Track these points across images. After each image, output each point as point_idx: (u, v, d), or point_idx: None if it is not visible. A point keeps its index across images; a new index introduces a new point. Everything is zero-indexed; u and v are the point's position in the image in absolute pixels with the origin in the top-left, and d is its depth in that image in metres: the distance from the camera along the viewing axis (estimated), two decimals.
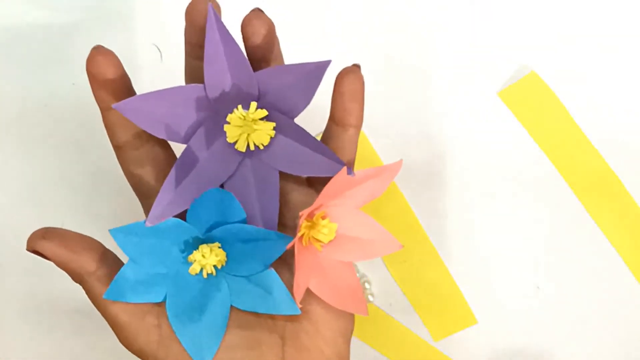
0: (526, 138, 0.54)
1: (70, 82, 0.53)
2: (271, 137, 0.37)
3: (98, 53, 0.36)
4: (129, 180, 0.39)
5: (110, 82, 0.36)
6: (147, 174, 0.38)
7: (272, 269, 0.37)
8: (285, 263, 0.39)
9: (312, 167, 0.37)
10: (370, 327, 0.53)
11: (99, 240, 0.39)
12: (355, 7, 0.54)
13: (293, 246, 0.35)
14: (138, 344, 0.38)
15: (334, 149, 0.38)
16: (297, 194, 0.39)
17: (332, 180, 0.35)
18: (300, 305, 0.36)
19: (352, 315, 0.40)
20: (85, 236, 0.39)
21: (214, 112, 0.37)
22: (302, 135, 0.37)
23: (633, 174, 0.53)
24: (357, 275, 0.52)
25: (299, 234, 0.36)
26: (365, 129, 0.53)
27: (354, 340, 0.52)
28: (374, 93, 0.54)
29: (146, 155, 0.38)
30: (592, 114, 0.53)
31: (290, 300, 0.37)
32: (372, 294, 0.52)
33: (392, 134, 0.53)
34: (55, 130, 0.53)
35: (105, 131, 0.39)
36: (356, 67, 0.38)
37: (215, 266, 0.38)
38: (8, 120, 0.53)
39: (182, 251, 0.38)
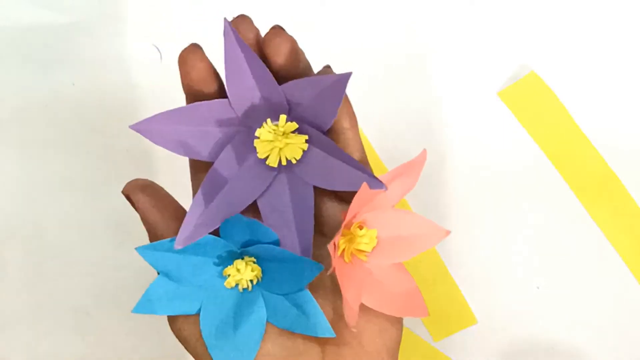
0: (526, 138, 0.54)
1: (70, 82, 0.53)
2: (304, 151, 0.36)
3: (189, 52, 0.36)
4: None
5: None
6: None
7: (307, 291, 0.36)
8: (328, 281, 0.38)
9: (346, 181, 0.35)
10: None
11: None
12: (355, 7, 0.54)
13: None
14: (182, 333, 0.38)
15: None
16: (330, 205, 0.38)
17: (361, 189, 0.33)
18: (353, 328, 0.35)
19: (399, 326, 0.38)
20: (178, 205, 0.38)
21: (241, 128, 0.36)
22: (334, 149, 0.35)
23: (633, 174, 0.53)
24: None
25: (337, 254, 0.34)
26: (365, 129, 0.53)
27: None
28: (374, 93, 0.54)
29: None
30: (592, 114, 0.53)
31: (325, 323, 0.36)
32: None
33: (391, 134, 0.53)
34: (55, 130, 0.53)
35: (105, 131, 0.39)
36: (328, 68, 0.37)
37: (251, 281, 0.37)
38: (8, 120, 0.53)
39: (217, 265, 0.37)
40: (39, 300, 0.52)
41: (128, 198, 0.38)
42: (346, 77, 0.35)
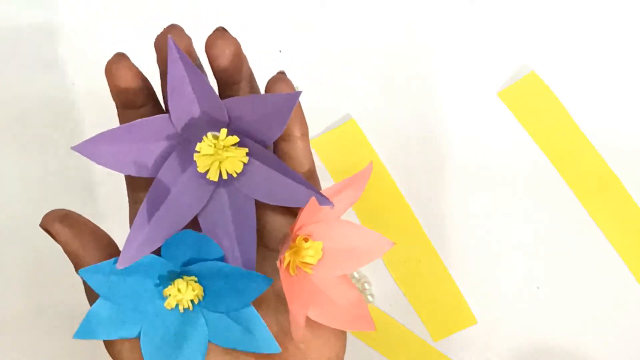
0: (526, 138, 0.54)
1: (70, 82, 0.53)
2: (245, 165, 0.35)
3: (115, 61, 0.35)
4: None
5: (125, 91, 0.36)
6: None
7: (252, 307, 0.36)
8: (272, 295, 0.37)
9: (289, 196, 0.35)
10: None
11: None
12: (355, 7, 0.54)
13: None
14: (121, 357, 0.37)
15: (290, 164, 0.37)
16: (275, 216, 0.38)
17: (308, 203, 0.33)
18: (300, 343, 0.35)
19: (344, 339, 0.38)
20: (101, 232, 0.38)
21: (182, 142, 0.36)
22: (276, 163, 0.35)
23: (632, 174, 0.53)
24: (357, 276, 0.52)
25: (283, 266, 0.34)
26: (365, 129, 0.53)
27: (354, 341, 0.52)
28: (374, 93, 0.54)
29: None
30: (592, 114, 0.53)
31: (270, 339, 0.36)
32: (372, 295, 0.52)
33: (392, 134, 0.53)
34: (55, 130, 0.53)
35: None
36: (282, 74, 0.36)
37: (192, 301, 0.36)
38: (8, 120, 0.53)
39: (157, 285, 0.36)
40: (39, 300, 0.52)
41: (46, 231, 0.38)
42: (295, 97, 0.34)
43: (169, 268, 0.36)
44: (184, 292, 0.36)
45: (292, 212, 0.38)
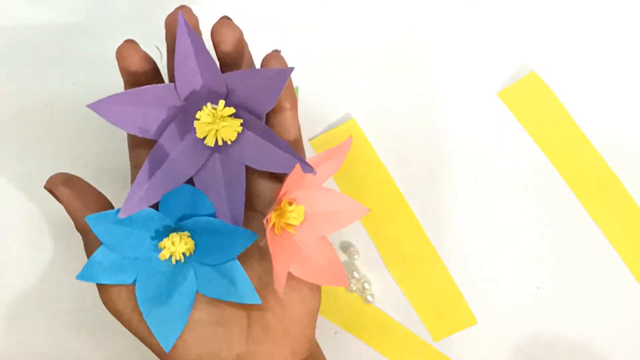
0: (526, 138, 0.54)
1: (71, 82, 0.53)
2: (238, 134, 0.40)
3: (125, 47, 0.40)
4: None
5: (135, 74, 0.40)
6: None
7: (237, 261, 0.40)
8: (255, 252, 0.41)
9: (276, 163, 0.39)
10: (371, 328, 0.53)
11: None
12: (355, 7, 0.54)
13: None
14: (116, 305, 0.41)
15: (279, 132, 0.41)
16: (264, 182, 0.42)
17: (293, 171, 0.37)
18: (282, 294, 0.38)
19: (319, 295, 0.42)
20: (100, 194, 0.42)
21: (185, 110, 0.40)
22: (268, 134, 0.39)
23: (633, 174, 0.53)
24: (357, 276, 0.52)
25: (269, 226, 0.38)
26: (365, 128, 0.53)
27: (355, 341, 0.52)
28: (373, 93, 0.54)
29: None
30: (592, 114, 0.53)
31: (252, 291, 0.39)
32: (371, 295, 0.52)
33: (391, 134, 0.53)
34: (55, 130, 0.53)
35: (104, 131, 0.40)
36: (277, 52, 0.40)
37: (184, 254, 0.40)
38: (8, 120, 0.53)
39: (154, 238, 0.40)
40: (39, 300, 0.52)
41: (51, 192, 0.42)
42: (287, 72, 0.38)
43: (165, 223, 0.40)
44: (177, 245, 0.40)
45: (279, 179, 0.42)
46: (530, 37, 0.54)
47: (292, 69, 0.38)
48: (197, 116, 0.39)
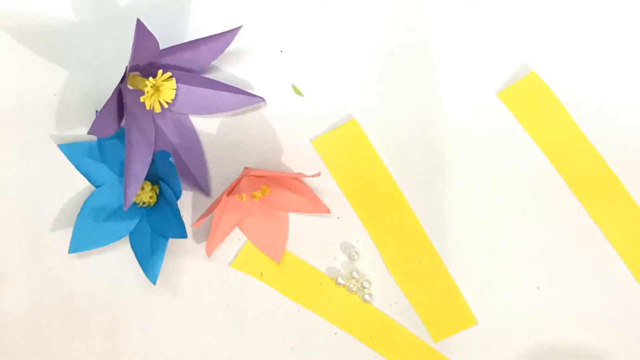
0: (526, 138, 0.53)
1: (70, 82, 0.53)
2: (177, 91, 0.46)
3: None
4: None
5: None
6: None
7: (165, 240, 0.49)
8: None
9: (220, 105, 0.46)
10: (370, 328, 0.52)
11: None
12: (355, 7, 0.54)
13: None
14: None
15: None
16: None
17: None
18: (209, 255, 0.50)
19: None
20: None
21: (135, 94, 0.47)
22: (204, 81, 0.46)
23: (632, 174, 0.53)
24: (357, 276, 0.52)
25: (225, 195, 0.47)
26: (365, 128, 0.53)
27: (354, 341, 0.52)
28: (374, 93, 0.54)
29: None
30: (592, 114, 0.53)
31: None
32: (370, 294, 0.52)
33: (392, 134, 0.53)
34: (55, 130, 0.53)
35: None
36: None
37: (144, 203, 0.50)
38: (8, 119, 0.53)
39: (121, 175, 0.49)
40: (39, 300, 0.52)
41: None
42: (234, 32, 0.47)
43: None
44: (144, 192, 0.49)
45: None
46: (530, 37, 0.54)
47: (238, 28, 0.46)
48: (142, 99, 0.46)
